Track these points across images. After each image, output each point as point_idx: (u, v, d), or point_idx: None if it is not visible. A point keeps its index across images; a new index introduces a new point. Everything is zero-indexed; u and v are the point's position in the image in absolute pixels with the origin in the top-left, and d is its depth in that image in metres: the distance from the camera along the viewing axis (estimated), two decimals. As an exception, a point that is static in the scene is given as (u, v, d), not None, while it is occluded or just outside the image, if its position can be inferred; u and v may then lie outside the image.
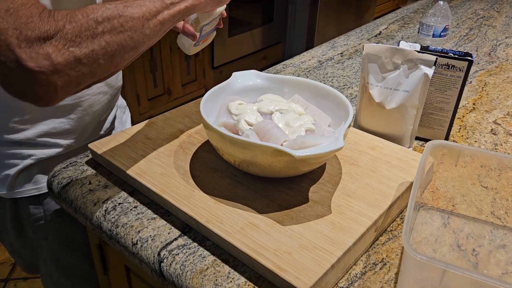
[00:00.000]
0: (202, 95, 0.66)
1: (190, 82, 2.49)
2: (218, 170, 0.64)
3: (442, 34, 0.98)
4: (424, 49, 0.73)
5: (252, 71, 0.72)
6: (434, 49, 0.73)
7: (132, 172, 0.63)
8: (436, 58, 0.67)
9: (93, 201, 0.62)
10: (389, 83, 0.71)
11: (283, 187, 0.61)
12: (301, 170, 0.58)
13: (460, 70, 0.70)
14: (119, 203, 0.61)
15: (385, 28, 1.37)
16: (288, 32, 3.11)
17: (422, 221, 0.61)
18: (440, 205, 0.64)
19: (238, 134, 0.60)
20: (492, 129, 0.83)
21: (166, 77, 2.33)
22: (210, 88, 0.66)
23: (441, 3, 0.97)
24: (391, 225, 0.61)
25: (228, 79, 0.70)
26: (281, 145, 0.55)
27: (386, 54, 0.70)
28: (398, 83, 0.70)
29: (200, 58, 2.47)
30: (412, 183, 0.63)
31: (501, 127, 0.84)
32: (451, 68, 0.71)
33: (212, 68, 2.58)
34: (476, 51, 1.22)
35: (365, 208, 0.57)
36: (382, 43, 1.25)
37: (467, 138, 0.80)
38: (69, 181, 0.66)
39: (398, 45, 0.74)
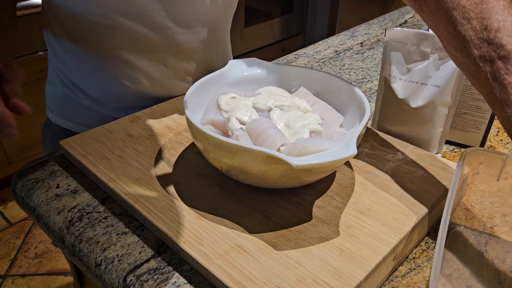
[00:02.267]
0: None
1: (203, 73, 2.39)
2: (206, 177, 0.53)
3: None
4: (459, 36, 0.61)
5: (252, 59, 0.61)
6: (472, 36, 0.61)
7: (104, 175, 0.53)
8: (475, 46, 0.55)
9: (57, 209, 0.53)
10: (415, 76, 0.59)
11: (282, 199, 0.50)
12: (303, 180, 0.47)
13: (503, 61, 0.58)
14: (87, 213, 0.52)
15: (412, 17, 1.24)
16: (308, 23, 2.97)
17: (453, 247, 0.49)
18: (475, 226, 0.52)
19: (228, 135, 0.50)
20: (537, 133, 0.70)
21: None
22: None
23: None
24: (414, 251, 0.49)
25: (223, 68, 0.59)
26: (278, 150, 0.45)
27: (412, 41, 0.58)
28: (427, 76, 0.58)
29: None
30: (440, 198, 0.51)
31: (548, 130, 0.71)
32: (492, 59, 0.58)
33: (227, 60, 2.48)
34: None
35: (381, 230, 0.46)
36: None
37: (508, 143, 0.68)
38: (34, 183, 0.57)
39: (428, 30, 0.62)
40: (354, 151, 0.41)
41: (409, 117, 0.61)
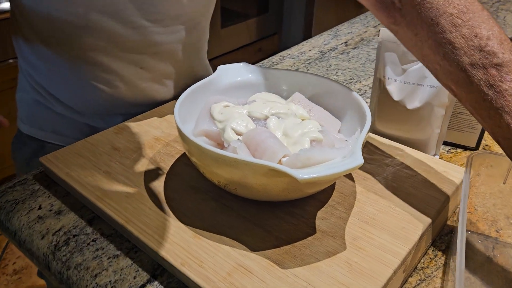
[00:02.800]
0: None
1: (181, 76, 2.35)
2: (201, 191, 0.50)
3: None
4: (453, 34, 0.59)
5: (241, 64, 0.59)
6: (465, 34, 0.59)
7: (90, 194, 0.50)
8: (471, 45, 0.53)
9: (41, 233, 0.49)
10: (411, 76, 0.57)
11: (283, 212, 0.47)
12: (305, 192, 0.45)
13: (498, 59, 0.57)
14: (74, 235, 0.48)
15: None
16: (284, 23, 2.96)
17: (460, 253, 0.48)
18: (481, 230, 0.51)
19: (223, 146, 0.47)
20: (529, 130, 0.70)
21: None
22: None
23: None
24: (422, 260, 0.47)
25: (212, 74, 0.56)
26: (280, 161, 0.42)
27: (407, 41, 0.56)
28: (422, 76, 0.57)
29: (191, 51, 2.33)
30: (444, 203, 0.50)
31: (539, 127, 0.71)
32: (487, 58, 0.57)
33: (205, 62, 2.44)
34: (497, 38, 1.08)
35: (389, 241, 0.44)
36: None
37: (502, 141, 0.67)
38: (14, 205, 0.53)
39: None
40: (360, 160, 0.39)
41: (406, 119, 0.59)
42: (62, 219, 0.50)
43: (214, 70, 0.59)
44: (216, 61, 2.49)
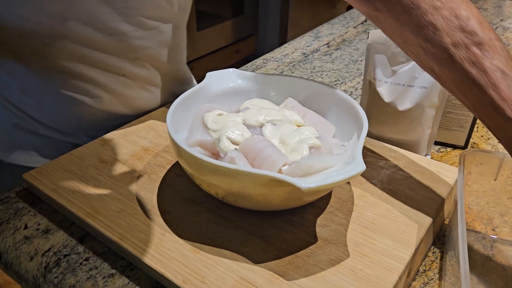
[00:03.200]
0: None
1: (158, 81, 2.31)
2: (196, 202, 0.49)
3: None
4: (439, 34, 0.60)
5: (230, 70, 0.57)
6: (451, 34, 0.60)
7: (80, 211, 0.47)
8: (460, 45, 0.54)
9: (29, 254, 0.46)
10: (401, 78, 0.57)
11: (282, 221, 0.46)
12: (306, 200, 0.44)
13: (486, 59, 0.57)
14: (65, 255, 0.46)
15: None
16: (260, 24, 2.96)
17: (460, 254, 0.48)
18: (477, 229, 0.51)
19: (218, 156, 0.46)
20: (514, 126, 0.71)
21: (131, 77, 2.14)
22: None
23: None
24: (424, 262, 0.47)
25: (201, 82, 0.55)
26: (279, 170, 0.41)
27: (396, 43, 0.56)
28: (413, 77, 0.57)
29: (168, 54, 2.29)
30: (441, 204, 0.50)
31: (523, 123, 0.72)
32: (475, 57, 0.58)
33: (182, 65, 2.41)
34: (473, 36, 1.10)
35: (391, 246, 0.44)
36: (370, 30, 1.12)
37: (488, 139, 0.68)
38: (-3, 225, 0.50)
39: (407, 31, 0.61)
40: (363, 166, 0.38)
41: (397, 120, 0.59)
42: (50, 238, 0.48)
43: (194, 74, 0.57)
44: (193, 64, 2.47)
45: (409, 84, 0.57)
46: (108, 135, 0.61)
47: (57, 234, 0.48)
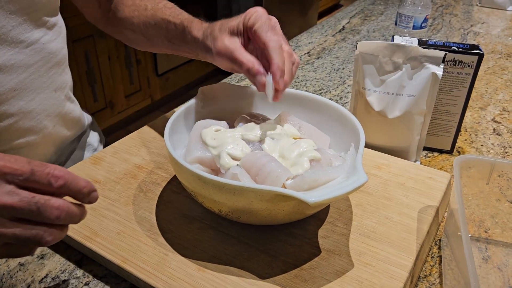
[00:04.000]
0: (149, 106, 0.51)
1: (134, 92, 2.28)
2: (196, 219, 0.48)
3: (422, 25, 0.88)
4: (423, 43, 0.62)
5: (222, 83, 0.57)
6: (434, 43, 0.62)
7: (78, 234, 0.46)
8: (445, 54, 0.56)
9: (25, 281, 0.45)
10: (390, 87, 0.58)
11: (284, 234, 0.47)
12: (308, 214, 0.44)
13: (469, 66, 0.59)
14: (64, 280, 0.45)
15: (348, 23, 1.27)
16: (234, 32, 2.96)
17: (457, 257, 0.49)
18: (471, 232, 0.53)
19: (218, 172, 0.45)
20: (494, 129, 0.74)
21: (107, 89, 2.11)
22: (157, 98, 0.52)
23: (420, -10, 0.87)
24: (424, 268, 0.48)
25: (195, 97, 0.55)
26: (283, 185, 0.41)
27: (384, 53, 0.58)
28: (401, 86, 0.58)
29: (143, 66, 2.27)
30: (436, 210, 0.51)
31: (502, 125, 0.75)
32: (458, 65, 0.60)
33: (157, 76, 2.39)
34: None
35: (393, 253, 0.44)
36: (349, 38, 1.14)
37: (472, 142, 0.70)
38: (-11, 253, 0.48)
39: (393, 40, 0.62)
40: (365, 178, 0.39)
41: (387, 128, 0.60)
42: (46, 263, 0.47)
43: (170, 84, 0.57)
44: (169, 74, 2.45)
45: (398, 93, 0.58)
46: (99, 154, 0.60)
47: (53, 259, 0.47)
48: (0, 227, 0.33)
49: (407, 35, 0.90)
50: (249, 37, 0.49)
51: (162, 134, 0.64)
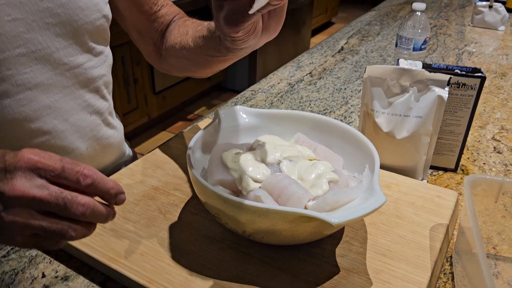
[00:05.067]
0: (146, 124, 0.53)
1: (131, 110, 2.29)
2: (216, 240, 0.50)
3: (422, 47, 0.92)
4: (427, 67, 0.64)
5: (238, 107, 0.59)
6: (438, 66, 0.65)
7: (102, 256, 0.47)
8: (450, 78, 0.58)
9: (51, 303, 0.46)
10: (397, 109, 0.61)
11: (303, 253, 0.48)
12: (327, 234, 0.46)
13: (472, 88, 0.62)
14: (89, 302, 0.46)
15: (346, 43, 1.30)
16: (229, 51, 2.99)
17: (467, 273, 0.51)
18: (480, 249, 0.54)
19: (240, 194, 0.47)
20: (495, 148, 0.76)
21: (104, 108, 2.12)
22: (154, 115, 0.53)
23: (419, 14, 0.90)
24: (437, 285, 0.50)
25: (212, 121, 0.57)
26: (305, 206, 0.43)
27: (392, 76, 0.60)
28: (408, 108, 0.60)
29: (140, 84, 2.29)
30: (447, 227, 0.53)
31: (502, 143, 0.78)
32: (462, 87, 0.62)
33: (154, 94, 2.41)
34: (443, 61, 1.18)
35: (409, 271, 0.46)
36: (348, 59, 1.17)
37: (475, 160, 0.73)
38: (13, 276, 0.49)
39: (398, 64, 0.65)
40: (384, 198, 0.41)
41: (395, 148, 0.62)
42: (71, 285, 0.47)
43: (167, 102, 0.58)
44: (166, 92, 2.47)
45: (405, 114, 0.61)
46: (115, 176, 0.61)
47: (77, 281, 0.48)
48: (28, 218, 0.35)
49: (410, 58, 0.94)
50: None
51: (175, 156, 0.65)
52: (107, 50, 0.64)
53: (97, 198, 0.38)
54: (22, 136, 0.55)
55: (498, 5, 1.42)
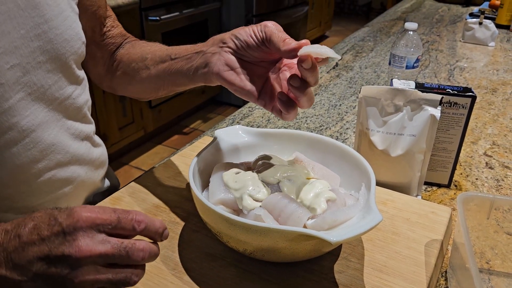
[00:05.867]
0: (142, 138, 0.54)
1: (127, 124, 2.30)
2: (217, 257, 0.51)
3: (415, 65, 0.94)
4: (420, 86, 0.66)
5: (237, 126, 0.61)
6: (430, 85, 0.67)
7: (105, 274, 0.48)
8: (442, 98, 0.60)
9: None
10: (392, 127, 0.63)
11: (302, 270, 0.49)
12: (326, 251, 0.48)
13: (463, 107, 0.64)
14: (93, 320, 0.46)
15: (340, 59, 1.33)
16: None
17: (462, 289, 0.52)
18: (473, 264, 0.56)
19: (240, 213, 0.48)
20: (486, 163, 0.79)
21: (101, 122, 2.13)
22: (150, 129, 0.55)
23: (411, 33, 0.93)
24: (433, 300, 0.51)
25: (213, 141, 0.58)
26: (305, 225, 0.44)
27: (386, 96, 0.62)
28: (402, 126, 0.62)
29: (136, 98, 2.30)
30: (441, 243, 0.54)
31: (494, 159, 0.80)
32: (453, 106, 0.65)
33: (150, 108, 2.42)
34: (435, 77, 1.20)
35: (405, 287, 0.47)
36: (343, 75, 1.20)
37: (467, 176, 0.75)
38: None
39: (391, 84, 0.67)
40: (380, 217, 0.43)
41: (390, 165, 0.64)
42: (75, 303, 0.48)
43: (162, 116, 0.60)
44: (161, 106, 2.49)
45: (399, 133, 0.62)
46: (117, 194, 0.62)
47: (81, 299, 0.49)
48: (96, 274, 0.36)
49: (403, 76, 0.96)
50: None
51: (175, 173, 0.67)
52: (83, 73, 0.65)
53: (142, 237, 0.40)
54: (29, 177, 0.56)
55: (487, 22, 1.46)
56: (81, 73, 0.62)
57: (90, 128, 0.66)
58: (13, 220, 0.38)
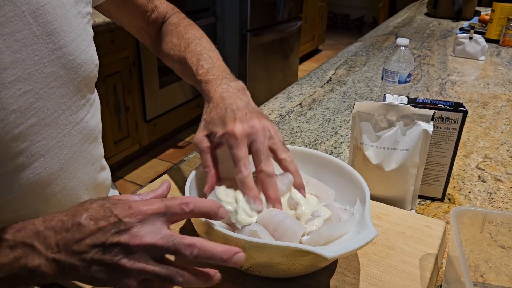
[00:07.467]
0: (137, 152, 0.55)
1: (122, 138, 2.30)
2: (214, 273, 0.51)
3: (407, 80, 0.96)
4: (412, 101, 0.68)
5: (232, 142, 0.62)
6: (422, 100, 0.68)
7: (102, 291, 0.48)
8: (434, 113, 0.62)
9: None
10: (385, 142, 0.64)
11: (299, 285, 0.50)
12: (322, 266, 0.48)
13: (455, 122, 0.65)
14: (89, 338, 0.46)
15: (334, 74, 1.35)
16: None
17: (457, 303, 0.53)
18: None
19: (235, 228, 0.49)
20: (479, 176, 0.80)
21: (95, 136, 2.13)
22: (145, 143, 0.55)
23: (403, 48, 0.95)
24: (428, 314, 0.52)
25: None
26: (300, 241, 0.45)
27: (379, 112, 0.63)
28: (395, 141, 0.63)
29: (131, 112, 2.31)
30: (435, 257, 0.55)
31: (486, 172, 0.81)
32: (445, 121, 0.66)
33: (145, 122, 2.43)
34: (428, 91, 1.22)
35: (401, 301, 0.48)
36: (336, 89, 1.21)
37: (460, 189, 0.76)
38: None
39: (385, 99, 0.68)
40: (375, 232, 0.43)
41: (384, 180, 0.65)
42: (71, 321, 0.48)
43: (157, 130, 0.61)
44: (157, 120, 2.49)
45: (393, 147, 0.63)
46: (113, 210, 0.62)
47: (77, 317, 0.49)
48: (144, 263, 0.38)
49: (396, 91, 0.98)
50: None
51: (172, 188, 0.67)
52: (96, 96, 0.65)
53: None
54: (35, 201, 0.55)
55: (477, 37, 1.48)
56: (93, 96, 0.62)
57: (100, 151, 0.66)
58: (66, 211, 0.41)
